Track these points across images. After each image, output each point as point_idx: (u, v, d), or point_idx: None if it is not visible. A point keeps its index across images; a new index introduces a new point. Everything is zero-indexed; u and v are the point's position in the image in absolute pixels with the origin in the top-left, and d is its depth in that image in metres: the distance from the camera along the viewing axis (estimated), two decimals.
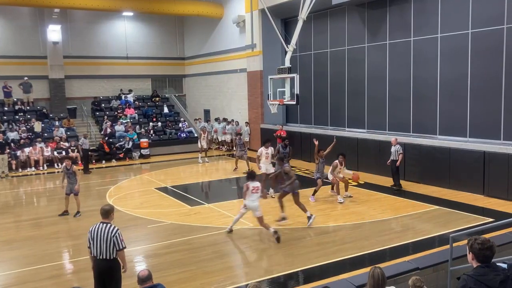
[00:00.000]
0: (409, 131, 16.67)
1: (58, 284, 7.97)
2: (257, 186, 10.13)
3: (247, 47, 23.36)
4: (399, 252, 8.92)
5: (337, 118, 20.18)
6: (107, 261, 6.33)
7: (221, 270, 8.33)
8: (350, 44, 19.12)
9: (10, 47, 25.15)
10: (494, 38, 13.79)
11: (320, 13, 20.19)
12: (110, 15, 27.33)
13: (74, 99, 26.75)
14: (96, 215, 11.81)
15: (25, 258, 9.24)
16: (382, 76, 17.65)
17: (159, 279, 7.07)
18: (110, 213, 6.55)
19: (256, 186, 10.11)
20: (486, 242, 4.08)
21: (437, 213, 11.67)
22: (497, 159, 12.97)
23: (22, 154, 19.94)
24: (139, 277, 5.44)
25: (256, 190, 10.07)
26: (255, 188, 10.07)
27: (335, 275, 7.85)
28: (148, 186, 16.02)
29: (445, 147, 14.43)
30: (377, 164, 16.49)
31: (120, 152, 22.04)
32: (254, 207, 10.05)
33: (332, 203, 12.98)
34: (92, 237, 6.37)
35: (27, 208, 13.82)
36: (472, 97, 14.59)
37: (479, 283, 3.99)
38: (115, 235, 6.32)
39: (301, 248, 9.38)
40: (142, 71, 29.09)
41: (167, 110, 27.34)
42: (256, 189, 10.08)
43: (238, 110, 25.36)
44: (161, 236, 10.40)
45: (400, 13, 16.81)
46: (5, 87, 23.96)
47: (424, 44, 15.98)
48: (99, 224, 6.44)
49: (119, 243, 6.33)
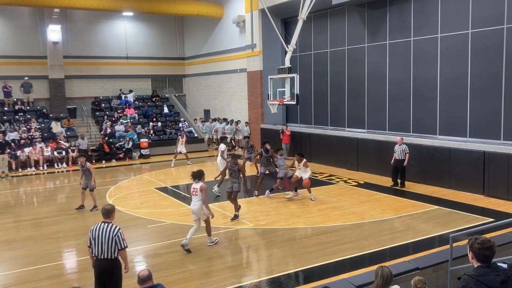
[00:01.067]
0: (409, 131, 16.67)
1: (58, 284, 7.97)
2: (196, 188, 9.21)
3: (247, 47, 23.36)
4: (399, 252, 8.91)
5: (337, 118, 20.18)
6: (108, 260, 6.33)
7: (221, 270, 8.34)
8: (350, 44, 19.12)
9: (10, 47, 25.15)
10: (494, 38, 13.79)
11: (320, 13, 20.19)
12: (110, 15, 27.33)
13: (74, 99, 26.75)
14: (96, 215, 11.90)
15: (25, 258, 9.23)
16: (382, 76, 17.65)
17: (159, 279, 7.07)
18: (112, 212, 6.55)
19: (195, 188, 9.24)
20: (486, 242, 4.08)
21: (437, 213, 11.66)
22: (497, 159, 12.96)
23: (22, 154, 19.94)
24: (139, 277, 5.44)
25: (195, 192, 9.22)
26: (194, 190, 9.24)
27: (335, 275, 7.85)
28: (148, 186, 16.02)
29: (445, 147, 14.43)
30: (377, 164, 16.49)
31: (120, 152, 22.03)
32: (193, 210, 9.31)
33: (331, 203, 12.97)
34: (93, 237, 6.37)
35: (27, 208, 13.80)
36: (472, 97, 14.59)
37: (480, 283, 3.98)
38: (117, 234, 6.32)
39: (301, 248, 9.38)
40: (142, 71, 29.10)
41: (167, 110, 27.34)
42: (195, 191, 9.22)
43: (238, 110, 25.36)
44: (161, 236, 10.40)
45: (400, 13, 16.80)
46: (5, 87, 23.96)
47: (424, 44, 15.97)
48: (101, 224, 6.44)
49: (121, 243, 6.34)
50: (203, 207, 9.17)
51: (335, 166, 18.31)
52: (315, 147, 19.70)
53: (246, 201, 13.57)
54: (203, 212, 9.21)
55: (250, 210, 12.64)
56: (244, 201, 13.49)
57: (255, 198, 13.76)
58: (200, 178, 9.29)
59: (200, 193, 9.14)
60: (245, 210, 12.56)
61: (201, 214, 9.26)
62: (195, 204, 9.20)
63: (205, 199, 9.23)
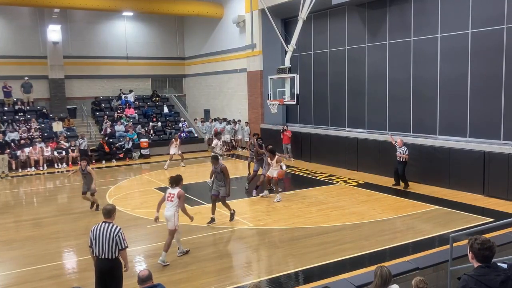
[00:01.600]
0: (409, 131, 16.67)
1: (58, 284, 7.97)
2: (173, 194, 8.68)
3: (247, 47, 23.36)
4: (399, 252, 8.91)
5: (337, 118, 20.18)
6: (108, 260, 6.33)
7: (221, 270, 8.33)
8: (350, 44, 19.12)
9: (10, 47, 25.16)
10: (494, 38, 13.79)
11: (320, 13, 20.19)
12: (110, 15, 27.33)
13: (74, 99, 26.76)
14: (96, 215, 11.90)
15: (25, 258, 9.23)
16: (382, 76, 17.65)
17: (159, 279, 7.08)
18: (113, 212, 6.56)
19: (171, 194, 8.70)
20: (486, 242, 4.08)
21: (437, 213, 11.66)
22: (497, 159, 12.96)
23: (22, 154, 19.94)
24: (139, 277, 5.45)
25: (171, 198, 8.67)
26: (171, 196, 8.68)
27: (335, 275, 7.85)
28: (148, 186, 16.02)
29: (445, 147, 14.43)
30: (377, 164, 16.49)
31: (120, 152, 22.04)
32: (166, 217, 8.67)
33: (331, 203, 12.97)
34: (94, 237, 6.37)
35: (27, 208, 13.81)
36: (472, 97, 14.59)
37: (480, 283, 3.98)
38: (117, 234, 6.33)
39: (301, 248, 9.38)
40: (142, 71, 29.10)
41: (167, 110, 27.35)
42: (171, 197, 8.67)
43: (238, 110, 25.36)
44: (161, 236, 10.36)
45: (400, 13, 16.80)
46: (5, 87, 23.97)
47: (424, 44, 15.97)
48: (102, 224, 6.44)
49: (121, 242, 6.35)
50: (176, 214, 8.63)
51: (335, 166, 18.31)
52: (315, 147, 19.70)
53: (247, 201, 13.57)
54: (173, 220, 8.58)
55: (250, 210, 12.65)
56: (245, 201, 13.50)
57: (255, 198, 13.76)
58: (178, 184, 8.79)
59: (176, 200, 8.62)
60: (245, 210, 12.57)
61: (171, 222, 8.60)
62: (168, 210, 8.65)
63: (183, 206, 8.78)
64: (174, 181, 8.80)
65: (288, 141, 20.28)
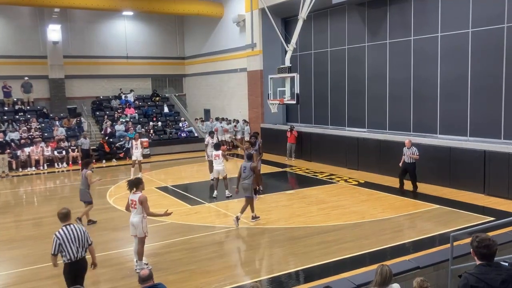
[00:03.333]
0: (409, 131, 16.65)
1: (58, 284, 7.94)
2: (135, 200, 8.05)
3: (247, 46, 23.35)
4: (399, 251, 8.90)
5: (337, 117, 20.17)
6: (83, 259, 6.59)
7: (221, 270, 8.32)
8: (350, 44, 19.11)
9: (10, 47, 25.14)
10: (494, 37, 13.78)
11: (320, 12, 20.17)
12: (110, 15, 27.31)
13: (74, 99, 26.75)
14: (95, 215, 11.89)
15: (25, 257, 9.22)
16: (383, 75, 17.63)
17: (160, 278, 7.06)
18: (70, 214, 6.71)
19: (133, 200, 8.07)
20: (484, 240, 4.10)
21: (438, 212, 11.65)
22: (498, 158, 12.94)
23: (23, 153, 19.94)
24: (140, 276, 5.45)
25: (133, 205, 8.07)
26: (133, 202, 8.08)
27: (335, 274, 7.83)
28: (148, 186, 15.90)
29: (446, 146, 14.41)
30: (378, 163, 16.48)
31: (120, 152, 22.04)
32: (132, 223, 8.15)
33: (332, 203, 12.96)
34: (65, 241, 6.43)
35: (27, 208, 13.81)
36: (473, 96, 14.57)
37: (480, 281, 3.98)
38: (85, 231, 6.62)
39: (301, 247, 9.36)
40: (142, 71, 29.09)
41: (167, 110, 27.34)
42: (134, 204, 8.07)
43: (238, 110, 25.35)
44: (161, 235, 10.38)
45: (400, 12, 16.79)
46: (5, 87, 23.96)
47: (424, 43, 15.96)
48: (66, 228, 6.54)
49: (89, 238, 6.66)
50: (144, 221, 8.11)
51: (335, 166, 18.29)
52: (315, 146, 19.69)
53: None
54: (141, 227, 8.06)
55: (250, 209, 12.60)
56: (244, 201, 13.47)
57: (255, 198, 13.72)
58: (138, 188, 8.12)
59: (139, 206, 8.00)
60: (246, 209, 12.53)
61: (139, 229, 8.08)
62: (134, 217, 8.08)
63: (148, 211, 8.09)
64: (132, 186, 8.12)
65: (294, 141, 20.21)
